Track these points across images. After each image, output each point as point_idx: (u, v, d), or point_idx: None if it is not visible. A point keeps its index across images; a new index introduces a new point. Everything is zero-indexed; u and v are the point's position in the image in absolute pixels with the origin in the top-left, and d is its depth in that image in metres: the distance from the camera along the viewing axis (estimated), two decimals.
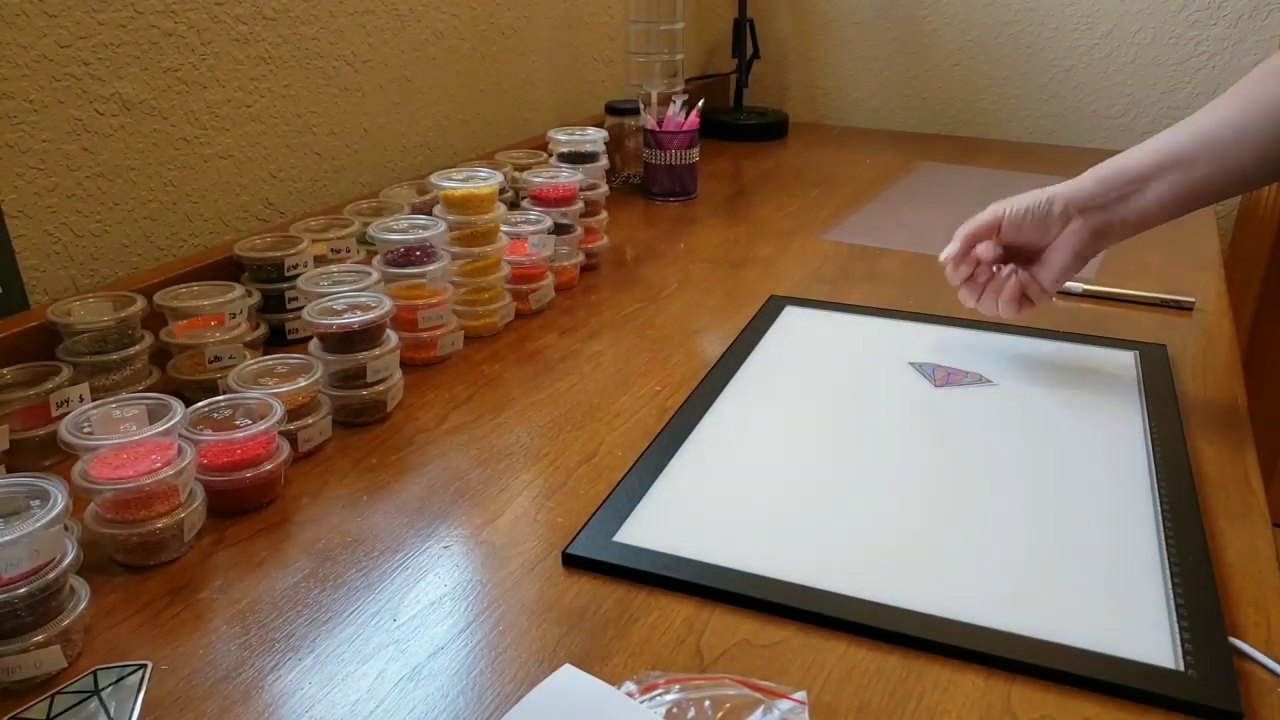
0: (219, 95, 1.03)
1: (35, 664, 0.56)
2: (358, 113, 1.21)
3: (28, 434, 0.75)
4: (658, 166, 1.47)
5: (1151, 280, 1.15)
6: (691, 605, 0.62)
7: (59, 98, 0.88)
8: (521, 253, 1.07)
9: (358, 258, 1.04)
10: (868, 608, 0.61)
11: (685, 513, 0.71)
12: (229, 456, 0.71)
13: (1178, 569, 0.64)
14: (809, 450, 0.79)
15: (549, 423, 0.85)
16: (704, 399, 0.87)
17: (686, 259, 1.24)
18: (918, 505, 0.72)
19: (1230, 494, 0.74)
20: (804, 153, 1.80)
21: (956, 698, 0.55)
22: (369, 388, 0.84)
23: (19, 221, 0.86)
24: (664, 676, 0.55)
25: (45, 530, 0.56)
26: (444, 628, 0.61)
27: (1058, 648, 0.57)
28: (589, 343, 1.01)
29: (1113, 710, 0.54)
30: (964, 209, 0.95)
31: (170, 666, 0.57)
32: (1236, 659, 0.57)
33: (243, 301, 0.89)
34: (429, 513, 0.72)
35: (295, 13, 1.10)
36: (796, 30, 2.01)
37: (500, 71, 1.46)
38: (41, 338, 0.82)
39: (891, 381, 0.90)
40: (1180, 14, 1.71)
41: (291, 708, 0.54)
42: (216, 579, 0.65)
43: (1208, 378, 0.92)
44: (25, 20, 0.84)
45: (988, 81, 1.88)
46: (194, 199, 1.02)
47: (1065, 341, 0.98)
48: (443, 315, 0.96)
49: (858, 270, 1.19)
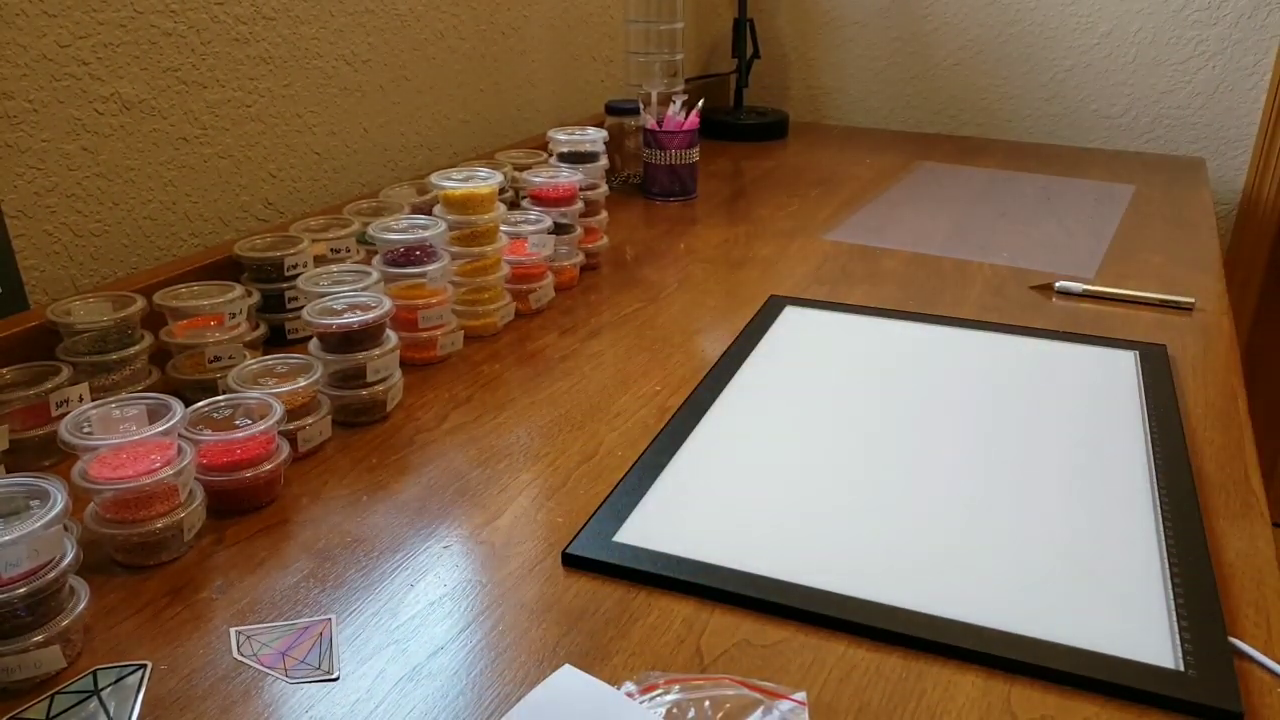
0: (218, 95, 1.03)
1: (35, 664, 0.56)
2: (358, 113, 1.21)
3: (28, 434, 0.75)
4: (658, 166, 1.47)
5: (1151, 280, 1.15)
6: (691, 605, 0.62)
7: (59, 98, 0.88)
8: (521, 253, 1.07)
9: (357, 258, 1.04)
10: (868, 608, 0.61)
11: (685, 513, 0.71)
12: (229, 456, 0.71)
13: (1178, 569, 0.64)
14: (808, 450, 0.79)
15: (549, 423, 0.85)
16: (704, 399, 0.87)
17: (686, 259, 1.24)
18: (917, 505, 0.72)
19: (1230, 494, 0.74)
20: (804, 153, 1.80)
21: (956, 698, 0.55)
22: (369, 388, 0.84)
23: (19, 221, 0.86)
24: (664, 677, 0.55)
25: (45, 530, 0.56)
26: (444, 628, 0.60)
27: (1058, 648, 0.57)
28: (589, 343, 1.01)
29: (1113, 710, 0.54)
30: (964, 209, 0.95)
31: (170, 666, 0.57)
32: (1236, 659, 0.57)
33: (242, 301, 0.89)
34: (429, 513, 0.72)
35: (295, 12, 1.10)
36: (796, 30, 2.01)
37: (500, 71, 1.46)
38: (41, 338, 0.82)
39: (891, 381, 0.90)
40: (1180, 14, 1.71)
41: (291, 707, 0.54)
42: (216, 579, 0.65)
43: (1208, 378, 0.92)
44: (25, 20, 0.84)
45: (988, 81, 1.88)
46: (194, 199, 1.02)
47: (1065, 341, 0.98)
48: (442, 315, 0.96)
49: (858, 270, 1.19)
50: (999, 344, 0.97)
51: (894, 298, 1.10)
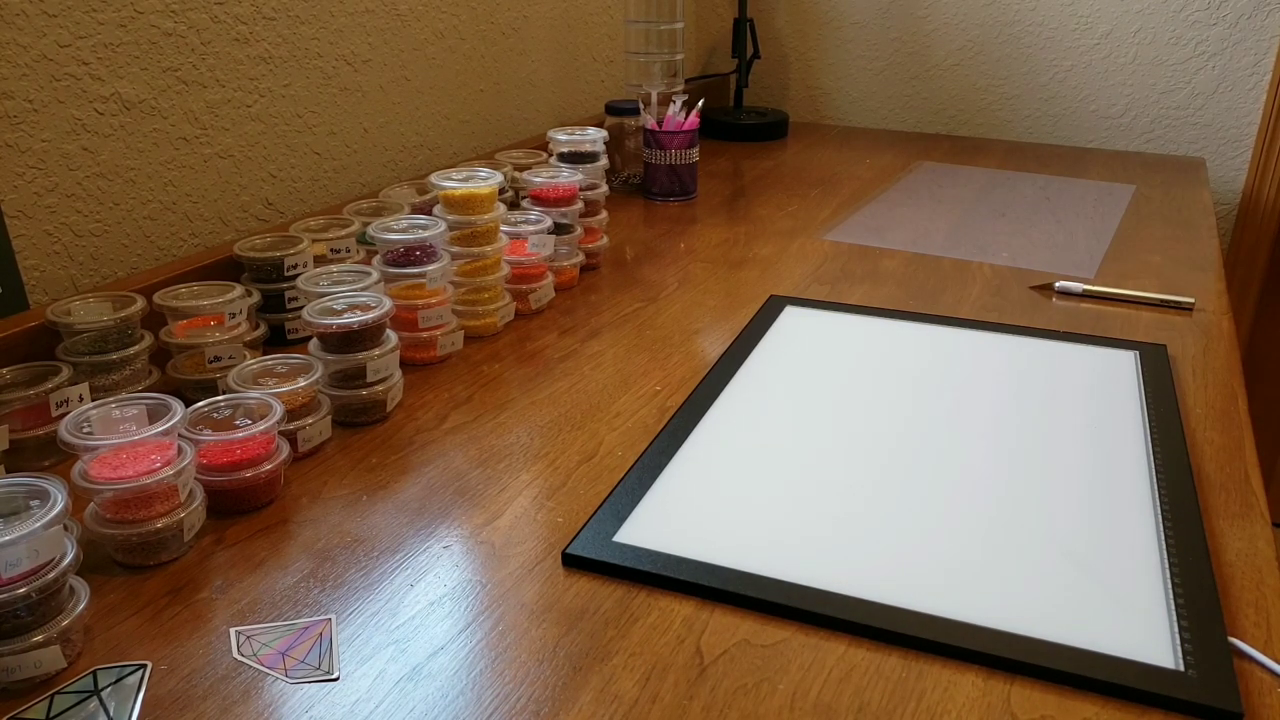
0: (219, 95, 1.03)
1: (35, 664, 0.56)
2: (358, 113, 1.21)
3: (28, 434, 0.75)
4: (658, 166, 1.47)
5: (1151, 280, 1.15)
6: (691, 605, 0.62)
7: (59, 98, 0.88)
8: (521, 253, 1.07)
9: (357, 258, 1.04)
10: (867, 608, 0.61)
11: (685, 513, 0.71)
12: (229, 456, 0.71)
13: (1178, 569, 0.64)
14: (809, 451, 0.79)
15: (549, 423, 0.85)
16: (704, 399, 0.87)
17: (686, 259, 1.24)
18: (917, 505, 0.72)
19: (1230, 494, 0.74)
20: (804, 153, 1.80)
21: (956, 698, 0.55)
22: (369, 388, 0.84)
23: (19, 221, 0.86)
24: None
25: (45, 530, 0.56)
26: (444, 628, 0.60)
27: (1058, 648, 0.57)
28: (589, 343, 1.01)
29: (1113, 710, 0.54)
30: (964, 209, 0.95)
31: (170, 666, 0.57)
32: (1236, 659, 0.57)
33: (242, 301, 0.89)
34: (429, 513, 0.72)
35: (295, 12, 1.10)
36: (796, 30, 2.01)
37: (500, 71, 1.46)
38: (41, 338, 0.82)
39: (891, 381, 0.90)
40: (1180, 14, 1.71)
41: (291, 707, 0.54)
42: (216, 579, 0.65)
43: (1208, 378, 0.92)
44: (25, 20, 0.84)
45: (988, 81, 1.88)
46: (194, 199, 1.02)
47: (1065, 341, 0.98)
48: (442, 315, 0.96)
49: (858, 270, 1.19)
50: (999, 344, 0.97)
51: (894, 298, 1.10)
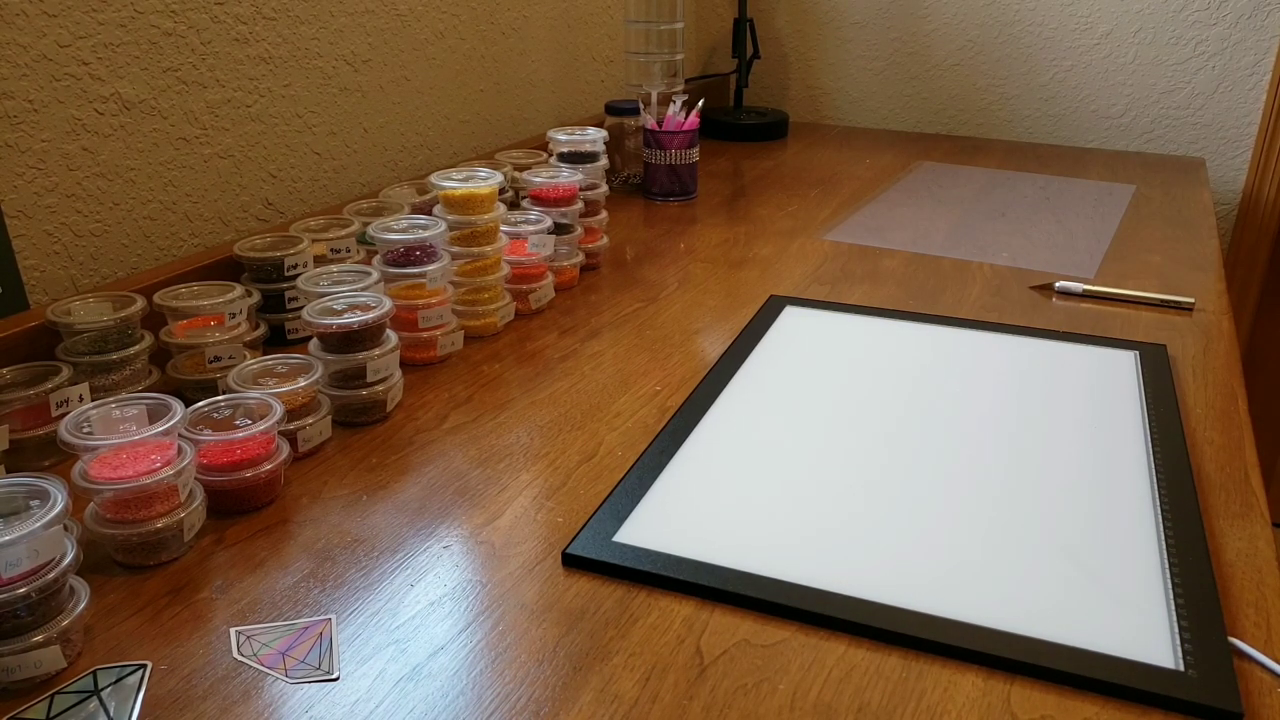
0: (219, 95, 1.03)
1: (35, 664, 0.56)
2: (358, 113, 1.21)
3: (28, 434, 0.75)
4: (658, 166, 1.47)
5: (1151, 280, 1.15)
6: (691, 605, 0.62)
7: (59, 98, 0.88)
8: (521, 253, 1.07)
9: (358, 258, 1.04)
10: (868, 608, 0.61)
11: (685, 513, 0.71)
12: (229, 456, 0.71)
13: (1178, 569, 0.64)
14: (808, 451, 0.79)
15: (549, 423, 0.85)
16: (704, 399, 0.87)
17: (686, 259, 1.24)
18: (917, 505, 0.72)
19: (1230, 494, 0.74)
20: (804, 153, 1.80)
21: (956, 698, 0.55)
22: (369, 388, 0.84)
23: (19, 221, 0.86)
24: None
25: (45, 530, 0.56)
26: (444, 628, 0.60)
27: (1058, 648, 0.57)
28: (589, 343, 1.01)
29: (1113, 710, 0.54)
30: (964, 209, 0.95)
31: (170, 666, 0.57)
32: (1236, 659, 0.57)
33: (242, 301, 0.89)
34: (429, 513, 0.72)
35: (295, 12, 1.10)
36: (796, 30, 2.01)
37: (500, 71, 1.46)
38: (41, 338, 0.82)
39: (891, 382, 0.90)
40: (1180, 14, 1.71)
41: (291, 707, 0.54)
42: (216, 579, 0.65)
43: (1208, 378, 0.92)
44: (25, 20, 0.84)
45: (988, 81, 1.88)
46: (194, 199, 1.02)
47: (1065, 341, 0.98)
48: (442, 315, 0.96)
49: (858, 270, 1.19)
50: (999, 344, 0.97)
51: (894, 298, 1.10)
